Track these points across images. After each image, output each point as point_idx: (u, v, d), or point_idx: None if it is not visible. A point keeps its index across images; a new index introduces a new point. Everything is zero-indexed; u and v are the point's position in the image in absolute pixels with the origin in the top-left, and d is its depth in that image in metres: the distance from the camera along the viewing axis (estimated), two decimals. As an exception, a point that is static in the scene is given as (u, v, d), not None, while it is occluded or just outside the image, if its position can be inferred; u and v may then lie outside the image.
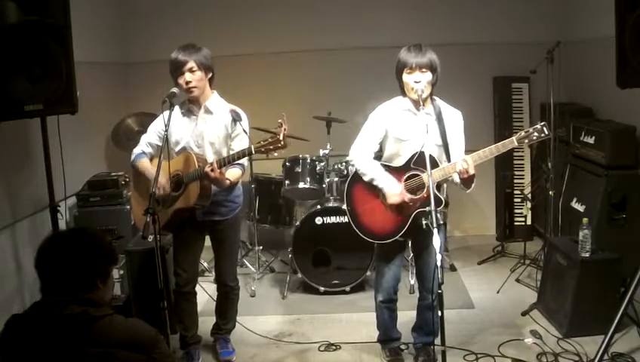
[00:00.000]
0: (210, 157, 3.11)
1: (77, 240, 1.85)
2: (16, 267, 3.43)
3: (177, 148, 3.15)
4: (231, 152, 3.09)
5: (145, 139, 3.25)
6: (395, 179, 3.01)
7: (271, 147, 2.85)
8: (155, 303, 2.62)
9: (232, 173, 3.11)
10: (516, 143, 2.79)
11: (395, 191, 2.98)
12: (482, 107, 5.25)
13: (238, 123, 3.12)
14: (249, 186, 4.77)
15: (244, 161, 3.14)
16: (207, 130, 3.14)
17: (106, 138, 4.83)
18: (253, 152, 2.89)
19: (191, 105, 3.15)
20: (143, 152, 3.22)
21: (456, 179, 2.96)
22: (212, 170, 2.91)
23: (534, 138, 2.77)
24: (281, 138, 2.83)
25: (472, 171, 2.81)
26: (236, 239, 3.49)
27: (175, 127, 3.13)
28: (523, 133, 2.79)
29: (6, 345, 1.77)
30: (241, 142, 3.14)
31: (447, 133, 3.01)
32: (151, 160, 3.23)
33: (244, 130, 3.10)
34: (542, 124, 2.77)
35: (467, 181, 2.88)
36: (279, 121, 2.85)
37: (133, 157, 3.24)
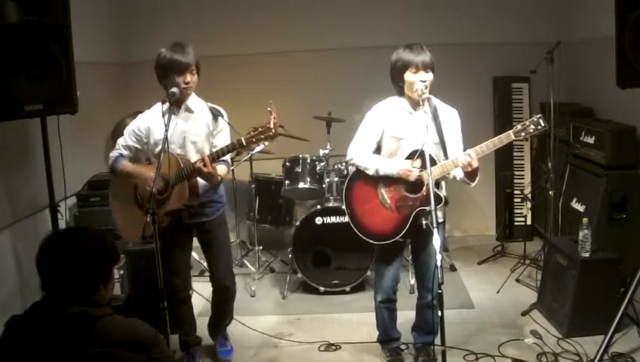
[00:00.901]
0: (193, 157, 3.05)
1: (79, 241, 1.84)
2: (16, 267, 3.43)
3: (157, 150, 3.02)
4: (214, 149, 3.04)
5: (121, 142, 3.16)
6: (397, 160, 3.01)
7: (262, 136, 2.80)
8: (155, 303, 2.62)
9: (220, 169, 3.06)
10: (513, 137, 2.79)
11: (404, 167, 2.95)
12: (482, 107, 5.25)
13: (219, 118, 3.10)
14: (249, 186, 4.78)
15: (228, 157, 3.11)
16: (188, 129, 3.09)
17: (106, 138, 4.83)
18: (244, 144, 2.84)
19: (171, 106, 3.05)
20: (121, 155, 3.14)
21: (459, 175, 2.95)
22: (204, 165, 2.86)
23: (531, 130, 2.78)
24: (271, 126, 2.78)
25: (475, 164, 2.80)
26: (226, 238, 3.40)
27: (156, 129, 3.04)
28: (519, 127, 2.79)
29: (6, 346, 1.77)
30: (223, 138, 3.12)
31: (444, 131, 3.02)
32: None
33: (227, 126, 3.09)
34: (538, 116, 2.78)
35: (471, 174, 2.88)
36: (268, 109, 2.81)
37: (111, 161, 3.15)
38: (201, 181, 3.06)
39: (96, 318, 1.75)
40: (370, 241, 3.12)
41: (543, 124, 2.76)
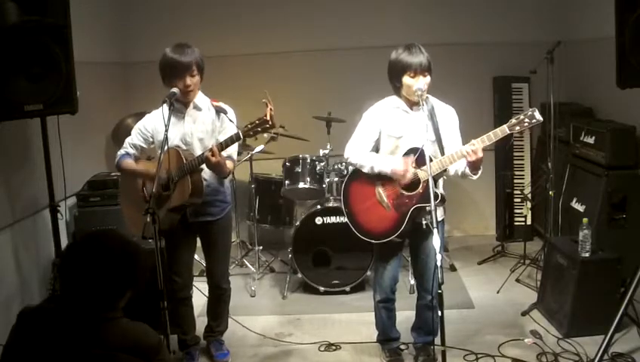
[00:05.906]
0: (199, 153, 3.08)
1: (112, 260, 1.77)
2: (16, 267, 3.43)
3: (164, 148, 3.01)
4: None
5: (128, 141, 3.20)
6: (394, 158, 3.00)
7: (259, 128, 2.82)
8: (155, 303, 2.62)
9: (227, 164, 3.07)
10: (507, 131, 2.77)
11: (400, 167, 2.94)
12: (482, 107, 5.25)
13: (222, 115, 3.12)
14: (249, 186, 4.78)
15: (234, 153, 3.15)
16: (195, 126, 3.13)
17: (106, 138, 4.83)
18: (242, 137, 2.85)
19: (177, 103, 3.10)
20: (127, 153, 3.19)
21: (461, 168, 2.93)
22: (213, 155, 2.87)
23: (526, 124, 2.75)
24: (267, 118, 2.79)
25: (480, 154, 2.78)
26: (228, 240, 3.44)
27: (160, 129, 3.03)
28: (514, 120, 2.77)
29: (18, 336, 1.77)
30: (228, 134, 3.11)
31: (441, 129, 3.01)
32: (135, 161, 3.20)
33: (231, 122, 3.10)
34: (532, 109, 2.74)
35: (475, 165, 2.84)
36: (263, 100, 2.81)
37: (117, 159, 3.21)
38: (208, 180, 3.10)
39: (105, 320, 1.75)
40: (368, 240, 3.12)
41: (537, 118, 2.72)
